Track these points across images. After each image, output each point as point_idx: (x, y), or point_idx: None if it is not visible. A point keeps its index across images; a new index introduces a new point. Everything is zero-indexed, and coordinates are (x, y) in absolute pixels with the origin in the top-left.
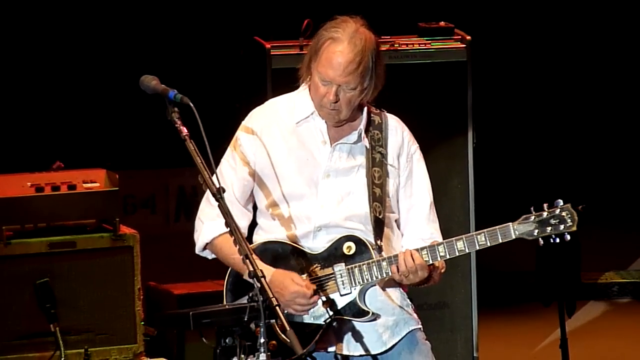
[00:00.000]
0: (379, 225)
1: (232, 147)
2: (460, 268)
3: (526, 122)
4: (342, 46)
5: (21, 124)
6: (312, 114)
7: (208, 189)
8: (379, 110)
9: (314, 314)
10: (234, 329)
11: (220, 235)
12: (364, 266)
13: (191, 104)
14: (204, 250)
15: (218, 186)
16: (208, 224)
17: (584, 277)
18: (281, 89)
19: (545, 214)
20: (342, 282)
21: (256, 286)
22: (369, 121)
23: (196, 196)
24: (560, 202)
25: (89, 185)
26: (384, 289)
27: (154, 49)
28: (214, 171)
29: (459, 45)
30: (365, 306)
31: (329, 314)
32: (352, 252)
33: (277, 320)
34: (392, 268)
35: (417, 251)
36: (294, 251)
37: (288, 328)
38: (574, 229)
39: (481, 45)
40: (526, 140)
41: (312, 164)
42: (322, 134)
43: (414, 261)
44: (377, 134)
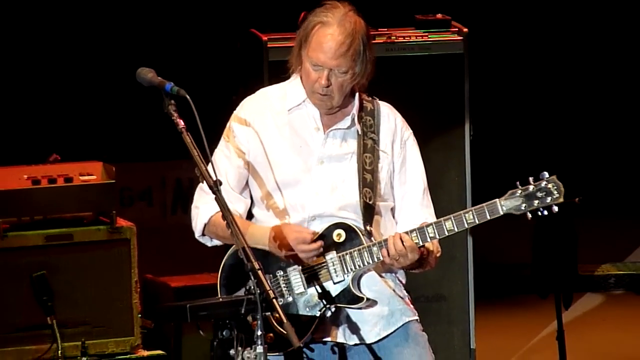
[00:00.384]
0: (368, 211)
1: (225, 136)
2: (457, 260)
3: (523, 114)
4: (332, 29)
5: (18, 116)
6: (304, 101)
7: (204, 181)
8: (371, 98)
9: (309, 304)
10: (230, 321)
11: (217, 213)
12: (355, 252)
13: (188, 97)
14: (203, 235)
15: (215, 179)
16: (204, 207)
17: (581, 269)
18: (278, 81)
19: (531, 187)
20: (335, 270)
21: (252, 279)
22: (361, 107)
23: (193, 189)
24: (546, 174)
25: (85, 178)
26: (381, 278)
27: (150, 41)
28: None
29: (456, 37)
30: (360, 292)
31: (323, 303)
32: (342, 239)
33: (273, 312)
34: (383, 252)
35: (406, 234)
36: None
37: (285, 320)
38: (561, 200)
39: (478, 37)
40: (523, 132)
41: (306, 150)
42: (315, 120)
43: (403, 244)
44: (369, 120)
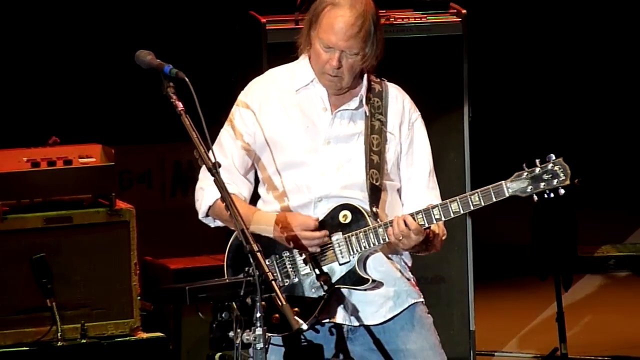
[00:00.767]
0: (374, 192)
1: (231, 117)
2: (456, 242)
3: (522, 95)
4: (343, 10)
5: (17, 99)
6: (312, 81)
7: (204, 163)
8: (379, 79)
9: (314, 285)
10: (229, 303)
11: None
12: (360, 234)
13: (186, 79)
14: (207, 216)
15: (213, 161)
16: (209, 189)
17: (581, 251)
18: (277, 63)
19: (537, 169)
20: (340, 251)
21: (252, 261)
22: (369, 89)
23: (192, 171)
24: (553, 156)
25: (85, 160)
26: (388, 259)
27: (149, 23)
28: (209, 146)
29: (454, 19)
30: (365, 274)
31: (329, 284)
32: (348, 220)
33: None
34: (388, 231)
35: (411, 215)
36: None
37: (284, 302)
38: (567, 182)
39: (477, 19)
40: (522, 113)
41: (313, 131)
42: (323, 101)
43: (407, 226)
44: (377, 102)
